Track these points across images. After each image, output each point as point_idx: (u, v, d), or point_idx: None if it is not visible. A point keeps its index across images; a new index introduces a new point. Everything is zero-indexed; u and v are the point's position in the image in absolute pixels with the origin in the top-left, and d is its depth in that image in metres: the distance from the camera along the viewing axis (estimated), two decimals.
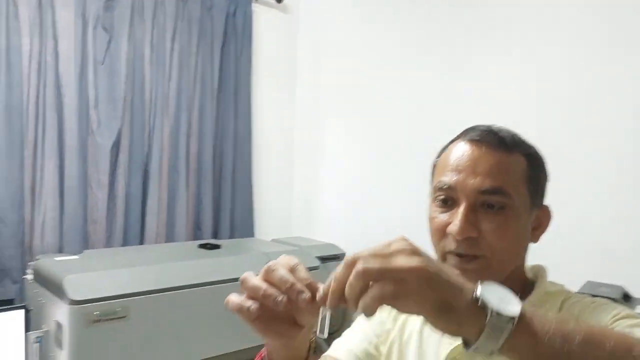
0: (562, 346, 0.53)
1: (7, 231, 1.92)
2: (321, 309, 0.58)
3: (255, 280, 0.62)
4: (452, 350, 0.81)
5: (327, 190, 2.78)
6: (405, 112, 2.38)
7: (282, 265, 0.61)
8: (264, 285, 0.60)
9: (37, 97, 2.02)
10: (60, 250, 2.03)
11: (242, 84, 2.65)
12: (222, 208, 2.59)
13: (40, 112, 2.02)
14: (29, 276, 1.58)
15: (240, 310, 0.62)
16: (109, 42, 2.22)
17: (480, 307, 0.52)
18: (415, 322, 0.90)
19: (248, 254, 1.79)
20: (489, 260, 0.78)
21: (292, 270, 0.61)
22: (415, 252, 0.52)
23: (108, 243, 2.21)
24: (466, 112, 2.12)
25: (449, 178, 0.81)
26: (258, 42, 2.74)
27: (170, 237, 2.40)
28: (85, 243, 2.13)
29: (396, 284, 0.50)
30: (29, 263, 1.68)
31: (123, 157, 2.25)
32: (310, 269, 1.82)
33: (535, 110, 1.91)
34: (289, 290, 0.59)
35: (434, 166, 0.89)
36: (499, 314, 0.52)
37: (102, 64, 2.20)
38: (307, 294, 0.58)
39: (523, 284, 0.84)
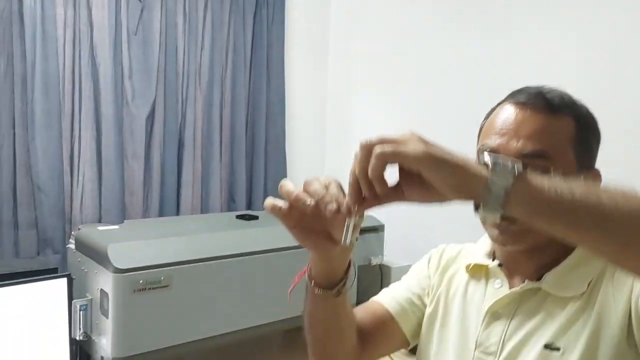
0: (570, 197, 0.54)
1: (47, 201, 1.94)
2: (346, 220, 0.65)
3: (291, 186, 0.69)
4: (493, 304, 0.84)
5: None
6: (442, 82, 2.31)
7: (317, 180, 0.69)
8: (297, 191, 0.68)
9: (73, 67, 2.01)
10: (100, 222, 2.06)
11: (274, 54, 2.60)
12: (256, 179, 2.58)
13: (77, 83, 2.02)
14: (71, 245, 1.60)
15: (273, 209, 0.69)
16: (142, 11, 2.19)
17: (485, 164, 0.58)
18: (461, 279, 0.93)
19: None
20: (530, 226, 0.77)
21: (326, 186, 0.68)
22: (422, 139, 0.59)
23: (145, 215, 2.22)
24: (506, 78, 2.04)
25: (492, 141, 0.80)
26: (290, 10, 2.67)
27: (205, 209, 2.41)
28: (123, 215, 2.14)
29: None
30: (72, 233, 1.69)
31: (158, 128, 2.24)
32: None
33: (577, 71, 1.82)
34: (319, 200, 0.65)
35: (480, 129, 0.88)
36: (503, 164, 0.56)
37: (135, 34, 2.18)
38: (333, 205, 0.64)
39: (565, 248, 0.82)
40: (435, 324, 0.94)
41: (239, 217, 1.86)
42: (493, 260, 0.91)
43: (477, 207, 0.60)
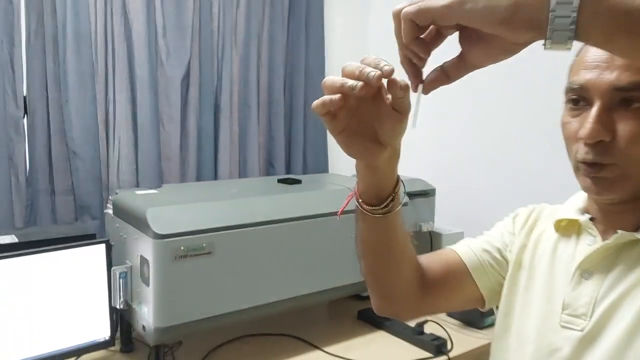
0: None
1: (83, 166, 1.87)
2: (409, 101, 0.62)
3: (332, 77, 0.64)
4: (583, 261, 0.77)
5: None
6: None
7: (353, 62, 0.64)
8: (339, 78, 0.63)
9: (105, 25, 1.91)
10: (137, 187, 1.99)
11: (313, 10, 2.45)
12: (294, 143, 2.46)
13: (109, 42, 1.92)
14: (109, 210, 1.53)
15: (324, 105, 0.63)
16: None
17: None
18: (549, 238, 0.85)
19: (331, 189, 1.65)
20: (624, 169, 0.69)
21: (362, 61, 0.63)
22: None
23: (182, 181, 2.14)
24: None
25: (581, 77, 0.72)
26: None
27: (243, 174, 2.31)
28: (160, 181, 2.07)
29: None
30: (109, 198, 1.62)
31: (193, 90, 2.14)
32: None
33: None
34: (361, 75, 0.60)
35: (570, 68, 0.78)
36: None
37: None
38: (376, 72, 0.60)
39: None
40: (518, 286, 0.87)
41: (280, 181, 1.76)
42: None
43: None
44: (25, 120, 1.81)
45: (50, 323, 1.32)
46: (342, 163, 2.68)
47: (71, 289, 1.35)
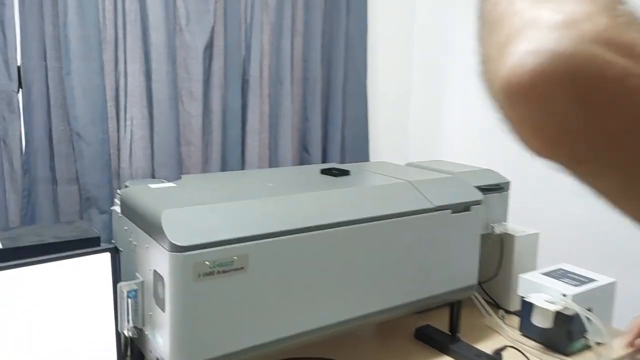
0: None
1: (89, 151, 1.58)
2: None
3: None
4: None
5: (456, 106, 2.24)
6: None
7: None
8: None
9: None
10: (152, 177, 1.69)
11: None
12: (332, 126, 2.14)
13: (119, 3, 1.61)
14: (117, 207, 1.23)
15: None
16: None
17: None
18: None
19: (388, 182, 1.33)
20: None
21: None
22: None
23: (205, 168, 1.85)
24: None
25: None
26: None
27: (274, 161, 2.01)
28: (179, 168, 1.77)
29: None
30: (117, 191, 1.33)
31: (217, 62, 1.83)
32: (472, 203, 1.34)
33: None
34: None
35: None
36: None
37: None
38: None
39: None
40: None
41: (324, 172, 1.44)
42: None
43: None
44: (20, 95, 1.52)
45: (41, 353, 1.04)
46: (384, 149, 2.35)
47: (68, 310, 1.07)
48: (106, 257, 1.10)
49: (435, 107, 2.37)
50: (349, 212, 1.14)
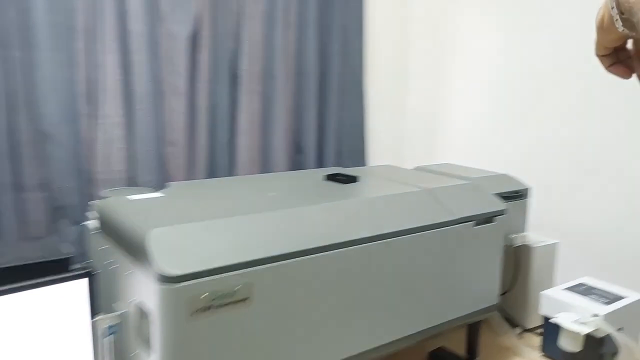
0: None
1: (60, 153, 1.39)
2: None
3: None
4: None
5: (456, 103, 2.11)
6: None
7: None
8: None
9: None
10: (132, 182, 1.51)
11: None
12: (327, 124, 1.98)
13: None
14: (92, 222, 1.05)
15: None
16: None
17: None
18: None
19: (403, 190, 1.18)
20: None
21: None
22: None
23: (190, 171, 1.67)
24: None
25: None
26: None
27: (265, 162, 1.84)
28: (161, 171, 1.59)
29: None
30: (92, 202, 1.14)
31: (204, 54, 1.65)
32: (495, 214, 1.20)
33: None
34: None
35: None
36: None
37: None
38: None
39: None
40: None
41: (330, 178, 1.28)
42: None
43: None
44: None
45: None
46: (382, 148, 2.21)
47: (35, 347, 0.89)
48: (82, 283, 0.92)
49: (434, 106, 2.23)
50: (367, 226, 0.98)
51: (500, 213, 1.24)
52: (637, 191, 1.56)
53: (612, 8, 0.45)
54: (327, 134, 1.99)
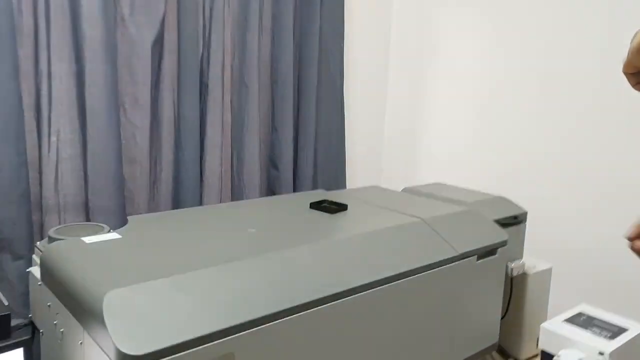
0: None
1: (1, 179, 1.20)
2: None
3: None
4: None
5: (438, 113, 2.00)
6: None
7: None
8: None
9: None
10: (86, 208, 1.33)
11: None
12: (304, 136, 1.84)
13: None
14: (36, 268, 0.88)
15: None
16: None
17: None
18: None
19: (400, 223, 1.05)
20: None
21: None
22: None
23: (154, 191, 1.50)
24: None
25: None
26: None
27: (238, 178, 1.69)
28: (120, 194, 1.41)
29: None
30: (36, 244, 0.97)
31: (170, 61, 1.49)
32: (498, 245, 1.09)
33: None
34: None
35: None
36: None
37: None
38: None
39: None
40: None
41: (315, 206, 1.14)
42: None
43: None
44: None
45: None
46: (360, 161, 2.09)
47: None
48: (17, 354, 0.75)
49: (416, 115, 2.12)
50: (365, 270, 0.85)
51: (502, 244, 1.13)
52: (629, 207, 1.49)
53: None
54: (304, 146, 1.85)
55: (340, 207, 1.12)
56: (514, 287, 1.42)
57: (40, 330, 0.82)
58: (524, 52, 1.74)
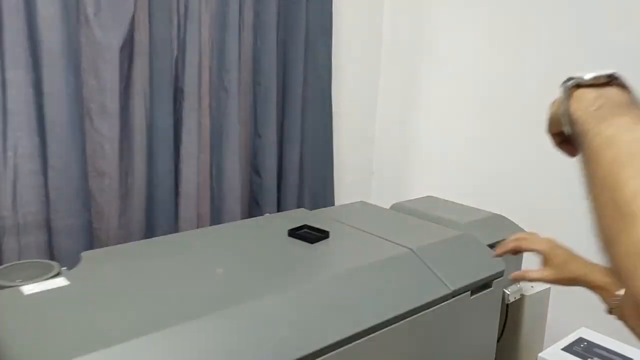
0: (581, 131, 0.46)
1: None
2: None
3: None
4: None
5: (430, 119, 1.90)
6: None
7: None
8: None
9: None
10: (48, 227, 1.22)
11: None
12: (289, 142, 1.74)
13: None
14: None
15: None
16: None
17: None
18: None
19: (387, 256, 0.96)
20: None
21: None
22: None
23: (125, 206, 1.39)
24: None
25: None
26: None
27: (217, 191, 1.58)
28: (86, 210, 1.31)
29: None
30: None
31: (140, 65, 1.37)
32: (493, 277, 1.00)
33: None
34: None
35: None
36: (564, 83, 0.51)
37: None
38: None
39: None
40: None
41: (293, 233, 1.04)
42: None
43: None
44: None
45: None
46: (350, 169, 1.98)
47: None
48: None
49: (409, 117, 2.02)
50: (347, 320, 0.75)
51: (499, 275, 1.04)
52: None
53: (563, 115, 0.49)
54: (288, 151, 1.74)
55: (321, 235, 1.02)
56: (510, 313, 1.33)
57: None
58: (524, 51, 1.64)
